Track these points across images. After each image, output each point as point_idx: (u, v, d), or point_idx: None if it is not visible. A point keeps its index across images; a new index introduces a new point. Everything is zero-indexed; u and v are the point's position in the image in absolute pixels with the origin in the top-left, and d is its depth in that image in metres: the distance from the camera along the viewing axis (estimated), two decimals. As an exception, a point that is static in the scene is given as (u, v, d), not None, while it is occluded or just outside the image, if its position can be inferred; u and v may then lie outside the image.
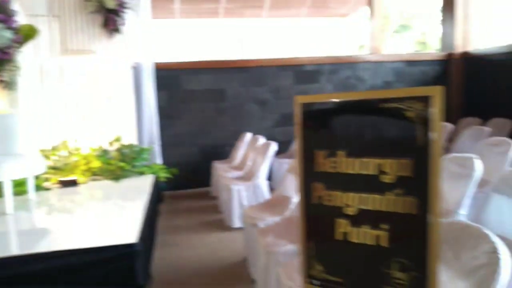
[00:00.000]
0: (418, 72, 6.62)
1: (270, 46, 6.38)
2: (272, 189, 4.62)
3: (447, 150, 5.32)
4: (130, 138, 5.25)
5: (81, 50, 4.72)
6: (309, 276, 1.24)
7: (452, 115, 6.72)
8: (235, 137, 6.04)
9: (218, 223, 4.71)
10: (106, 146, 4.77)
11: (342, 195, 1.14)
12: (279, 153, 5.11)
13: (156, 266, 3.60)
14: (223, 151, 6.21)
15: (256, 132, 5.76)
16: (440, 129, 0.97)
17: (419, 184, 1.01)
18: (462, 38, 6.59)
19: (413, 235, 1.04)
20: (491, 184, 2.70)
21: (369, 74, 6.53)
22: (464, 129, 5.28)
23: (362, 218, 1.12)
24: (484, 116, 5.97)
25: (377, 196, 1.08)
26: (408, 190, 1.04)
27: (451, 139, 5.71)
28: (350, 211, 1.14)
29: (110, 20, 4.73)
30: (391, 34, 17.11)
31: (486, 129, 4.91)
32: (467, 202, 2.88)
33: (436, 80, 6.67)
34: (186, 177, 6.16)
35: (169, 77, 5.94)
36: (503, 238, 2.56)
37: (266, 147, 4.53)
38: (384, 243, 1.09)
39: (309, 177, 1.21)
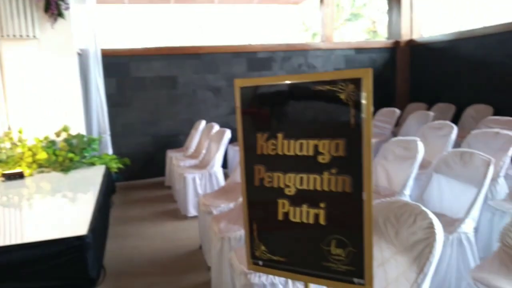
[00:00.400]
0: (368, 60, 6.82)
1: (224, 33, 6.32)
2: (227, 176, 4.63)
3: (395, 134, 5.55)
4: (78, 128, 5.05)
5: (22, 36, 4.45)
6: (253, 257, 1.27)
7: (400, 101, 7.00)
8: (189, 125, 5.97)
9: (173, 212, 4.66)
10: (53, 137, 4.57)
11: (283, 176, 1.17)
12: (234, 140, 5.11)
13: (109, 258, 3.53)
14: (177, 140, 6.13)
15: (210, 119, 5.73)
16: (370, 109, 1.01)
17: (352, 163, 1.06)
18: (408, 26, 6.84)
19: (348, 213, 1.09)
20: (432, 165, 2.85)
21: (321, 62, 6.64)
22: (410, 114, 5.52)
23: (301, 198, 1.15)
24: (430, 101, 6.27)
25: (314, 176, 1.12)
26: (343, 169, 1.08)
27: (399, 123, 5.96)
28: (290, 191, 1.17)
29: (53, 4, 4.48)
30: (343, 22, 17.47)
31: (431, 113, 5.16)
32: (411, 182, 3.03)
33: (384, 67, 6.91)
34: (139, 167, 6.03)
35: (118, 64, 5.76)
36: (442, 215, 2.73)
37: (220, 134, 4.51)
38: (323, 221, 1.13)
39: (251, 160, 1.23)
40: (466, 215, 2.37)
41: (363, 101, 1.01)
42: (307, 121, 1.11)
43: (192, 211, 4.39)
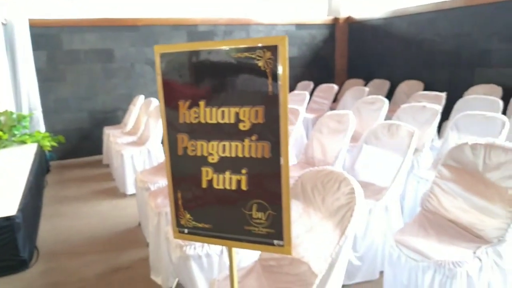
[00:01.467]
0: (308, 36, 6.91)
1: (162, 4, 6.00)
2: (167, 152, 4.55)
3: (333, 109, 5.73)
4: (6, 104, 4.72)
5: None
6: (179, 226, 1.27)
7: (338, 77, 7.21)
8: (127, 101, 5.77)
9: (111, 191, 4.54)
10: (-25, 114, 4.24)
11: (206, 144, 1.17)
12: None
13: (43, 238, 3.39)
14: (115, 116, 5.91)
15: (149, 94, 5.56)
16: (286, 77, 1.03)
17: (270, 130, 1.08)
18: (347, 3, 6.98)
19: (268, 177, 1.12)
20: (363, 137, 2.99)
21: (263, 36, 6.63)
22: (347, 90, 5.71)
23: (224, 165, 1.17)
24: (367, 77, 6.51)
25: (236, 143, 1.13)
26: (262, 136, 1.10)
27: (337, 99, 6.15)
28: (214, 159, 1.18)
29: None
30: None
31: (366, 89, 5.38)
32: (344, 154, 3.16)
33: (324, 43, 7.05)
34: (75, 145, 5.78)
35: (48, 36, 5.39)
36: (371, 184, 2.88)
37: (159, 110, 4.40)
38: (244, 187, 1.15)
39: (174, 129, 1.22)
40: (391, 183, 2.53)
41: (280, 68, 1.03)
42: (227, 89, 1.12)
43: (130, 189, 4.30)
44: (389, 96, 5.74)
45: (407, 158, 2.55)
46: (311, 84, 6.40)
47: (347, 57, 7.15)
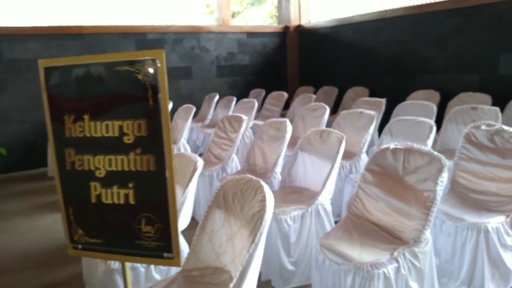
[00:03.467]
0: (259, 44, 6.98)
1: (110, 12, 5.93)
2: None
3: (283, 116, 5.80)
4: None
5: None
6: (72, 242, 1.25)
7: (290, 84, 7.31)
8: (74, 111, 5.61)
9: (54, 204, 4.37)
10: None
11: (93, 159, 1.16)
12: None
13: (-28, 257, 3.23)
14: (62, 127, 5.73)
15: (96, 105, 5.43)
16: (166, 89, 1.04)
17: (154, 142, 1.08)
18: (296, 11, 7.11)
19: (154, 191, 1.12)
20: (298, 143, 3.04)
21: (214, 45, 6.65)
22: (297, 97, 5.81)
23: (111, 179, 1.16)
24: (317, 84, 6.64)
25: (122, 157, 1.13)
26: (146, 149, 1.10)
27: (288, 106, 6.24)
28: (101, 173, 1.16)
29: None
30: (247, 6, 17.64)
31: (313, 96, 5.49)
32: (281, 160, 3.20)
33: (275, 51, 7.14)
34: (18, 157, 5.55)
35: (-13, 45, 5.17)
36: (306, 189, 2.93)
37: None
38: (132, 200, 1.15)
39: (61, 143, 1.20)
40: (322, 188, 2.58)
41: (159, 81, 1.03)
42: (110, 102, 1.11)
43: (74, 201, 4.16)
44: (337, 102, 5.89)
45: (337, 163, 2.62)
46: (263, 92, 6.46)
47: (298, 64, 7.28)
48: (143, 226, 1.15)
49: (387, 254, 1.96)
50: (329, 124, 4.18)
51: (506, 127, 2.57)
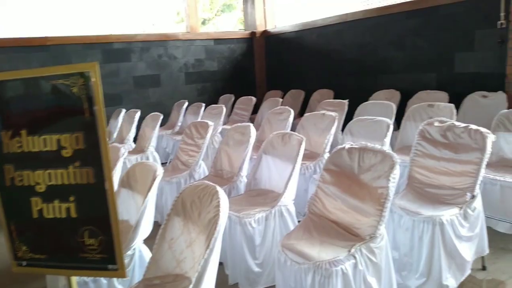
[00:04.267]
0: (227, 50, 7.03)
1: (74, 22, 5.83)
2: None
3: (252, 120, 5.85)
4: None
5: None
6: (16, 259, 1.24)
7: (259, 89, 7.37)
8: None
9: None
10: None
11: (32, 174, 1.17)
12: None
13: None
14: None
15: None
16: (101, 101, 1.06)
17: (92, 155, 1.10)
18: (262, 17, 7.19)
19: (95, 203, 1.13)
20: (262, 147, 3.08)
21: (181, 52, 6.65)
22: (265, 101, 5.87)
23: (52, 194, 1.17)
24: (284, 88, 6.72)
25: (61, 171, 1.14)
26: (84, 161, 1.12)
27: (257, 110, 6.29)
28: (41, 188, 1.17)
29: None
30: (217, 13, 17.68)
31: (280, 100, 5.56)
32: (246, 164, 3.24)
33: (243, 57, 7.20)
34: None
35: None
36: (271, 191, 2.97)
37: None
38: (74, 214, 1.16)
39: (-1, 159, 1.20)
40: (284, 189, 2.63)
41: (94, 94, 1.05)
42: (47, 116, 1.12)
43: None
44: (304, 104, 5.98)
45: (297, 164, 2.67)
46: (232, 97, 6.50)
47: (266, 69, 7.35)
48: (86, 239, 1.16)
49: (345, 251, 2.02)
50: (294, 127, 4.25)
51: (457, 123, 2.68)
